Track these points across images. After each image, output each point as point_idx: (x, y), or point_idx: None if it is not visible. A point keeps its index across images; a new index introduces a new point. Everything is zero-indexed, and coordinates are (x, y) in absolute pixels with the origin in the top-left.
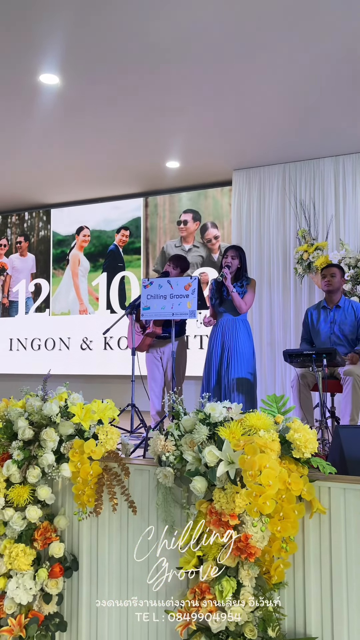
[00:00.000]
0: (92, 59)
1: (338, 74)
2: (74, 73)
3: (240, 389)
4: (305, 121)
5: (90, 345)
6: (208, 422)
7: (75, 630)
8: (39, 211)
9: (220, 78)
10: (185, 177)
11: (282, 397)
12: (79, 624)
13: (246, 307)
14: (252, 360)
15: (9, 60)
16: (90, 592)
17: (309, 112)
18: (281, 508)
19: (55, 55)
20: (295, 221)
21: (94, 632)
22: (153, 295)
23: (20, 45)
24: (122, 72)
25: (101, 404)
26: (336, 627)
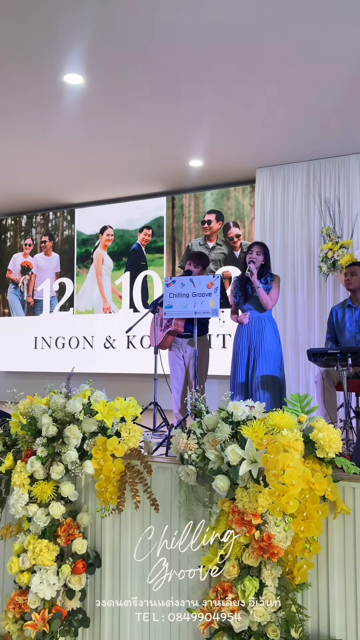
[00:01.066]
0: (116, 59)
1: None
2: (98, 73)
3: (267, 386)
4: (329, 118)
5: (114, 344)
6: (231, 420)
7: (98, 626)
8: (63, 211)
9: (244, 75)
10: (209, 175)
11: (305, 397)
12: (102, 620)
13: (272, 303)
14: (279, 356)
15: (33, 60)
16: (112, 588)
17: (334, 108)
18: (305, 508)
19: (80, 55)
20: (320, 219)
21: (116, 628)
22: (175, 293)
23: (45, 45)
24: (146, 71)
25: (124, 401)
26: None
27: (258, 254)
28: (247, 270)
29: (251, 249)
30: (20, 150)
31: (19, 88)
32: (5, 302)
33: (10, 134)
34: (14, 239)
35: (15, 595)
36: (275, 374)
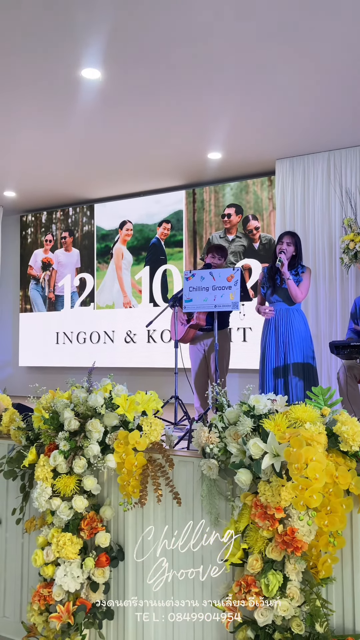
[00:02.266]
0: (133, 52)
1: None
2: (115, 67)
3: (300, 374)
4: (350, 107)
5: (134, 338)
6: (252, 414)
7: (122, 619)
8: (82, 206)
9: (262, 66)
10: (228, 168)
11: (328, 389)
12: (126, 613)
13: (302, 296)
14: (310, 344)
15: (51, 55)
16: (136, 582)
17: (354, 97)
18: (328, 502)
19: (97, 50)
20: (341, 210)
21: (140, 621)
22: (195, 287)
23: (62, 40)
24: (163, 65)
25: (145, 395)
26: None
27: (289, 244)
28: (277, 260)
29: (281, 239)
30: (38, 146)
31: (36, 84)
32: (27, 298)
33: (28, 130)
34: (34, 235)
35: (40, 588)
36: (308, 362)
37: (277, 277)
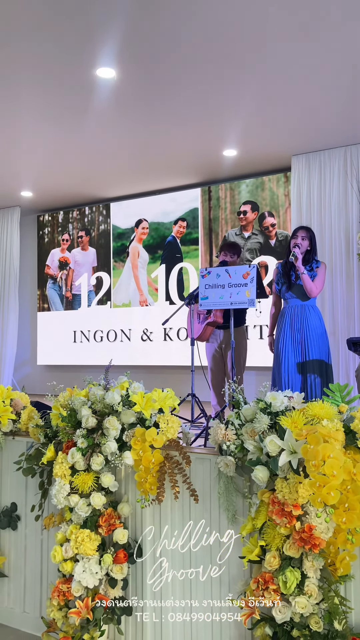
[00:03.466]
0: (148, 51)
1: None
2: (130, 66)
3: (317, 371)
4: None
5: (151, 337)
6: (269, 411)
7: (141, 615)
8: (98, 205)
9: (278, 61)
10: (243, 165)
11: (346, 386)
12: (144, 609)
13: (317, 291)
14: (326, 341)
15: (66, 54)
16: (154, 579)
17: None
18: (346, 499)
19: (112, 48)
20: (358, 206)
21: (158, 617)
22: (211, 284)
23: (77, 39)
24: (178, 63)
25: (161, 393)
26: None
27: (303, 238)
28: (291, 255)
29: (296, 233)
30: (54, 146)
31: (51, 83)
32: (44, 297)
33: (44, 130)
34: (51, 234)
35: (59, 584)
36: (323, 358)
37: (292, 273)
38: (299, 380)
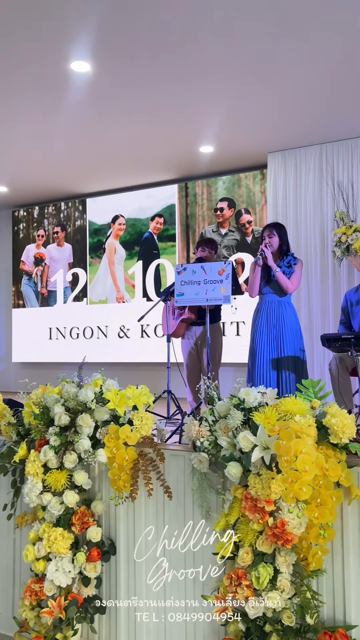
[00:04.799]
0: (123, 45)
1: None
2: (105, 59)
3: (291, 367)
4: (341, 99)
5: (128, 333)
6: (242, 407)
7: (115, 613)
8: (74, 201)
9: (254, 58)
10: (219, 161)
11: (318, 382)
12: (118, 607)
13: (293, 287)
14: (300, 337)
15: (39, 48)
16: (127, 576)
17: (345, 90)
18: (318, 494)
19: (86, 42)
20: (333, 203)
21: (132, 615)
22: (187, 281)
23: (51, 33)
24: (154, 58)
25: (136, 390)
26: None
27: (270, 236)
28: (259, 253)
29: (263, 233)
30: (29, 140)
31: (25, 77)
32: (19, 293)
33: (19, 124)
34: (26, 230)
35: (32, 583)
36: (298, 355)
37: (270, 270)
38: (274, 376)
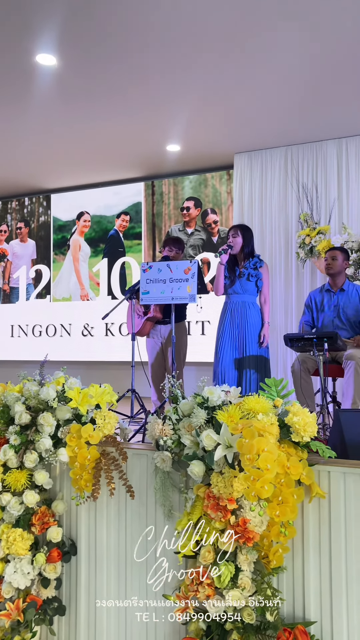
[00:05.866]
0: (91, 39)
1: (340, 56)
2: (71, 53)
3: (254, 366)
4: (307, 103)
5: (92, 332)
6: (206, 405)
7: (74, 614)
8: (39, 196)
9: (222, 59)
10: (186, 160)
11: (281, 381)
12: (78, 609)
13: (268, 295)
14: None
15: (3, 40)
16: (88, 576)
17: (311, 94)
18: (280, 492)
19: (52, 35)
20: (298, 205)
21: (92, 616)
22: (152, 279)
23: (15, 24)
24: (121, 53)
25: (99, 388)
26: (335, 611)
27: (234, 236)
28: (218, 252)
29: (228, 234)
30: None
31: None
32: None
33: None
34: None
35: None
36: (262, 354)
37: (237, 269)
38: (235, 375)
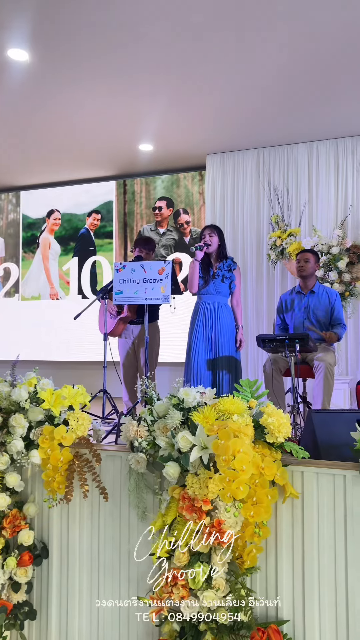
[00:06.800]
0: (63, 35)
1: (312, 62)
2: (43, 49)
3: (227, 367)
4: (279, 106)
5: (62, 331)
6: (182, 407)
7: (45, 618)
8: (8, 194)
9: (195, 60)
10: (159, 160)
11: (255, 382)
12: (49, 612)
13: (240, 297)
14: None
15: None
16: (60, 580)
17: (283, 97)
18: (254, 493)
19: (24, 30)
20: (269, 207)
21: (64, 620)
22: (126, 279)
23: None
24: (94, 50)
25: (72, 389)
26: (307, 610)
27: (211, 235)
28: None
29: (203, 232)
30: None
31: None
32: None
33: None
34: None
35: None
36: (234, 355)
37: (211, 270)
38: (208, 376)
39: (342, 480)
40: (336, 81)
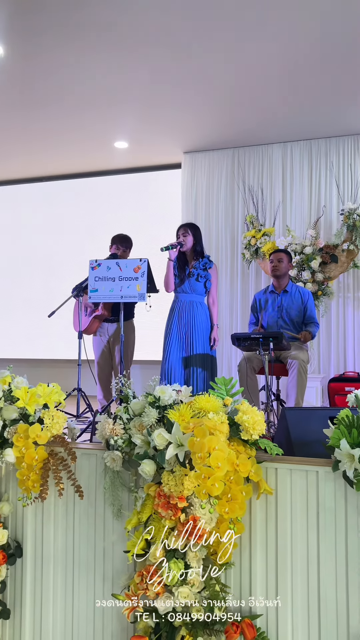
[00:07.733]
0: (36, 29)
1: (289, 63)
2: (18, 44)
3: (202, 365)
4: (254, 106)
5: (35, 329)
6: (157, 405)
7: (19, 617)
8: None
9: (171, 57)
10: (134, 158)
11: (230, 380)
12: (23, 612)
13: (216, 296)
14: None
15: None
16: (34, 579)
17: (259, 98)
18: (229, 489)
19: None
20: (244, 206)
21: (38, 619)
22: (101, 277)
23: None
24: (68, 45)
25: (47, 387)
26: (281, 604)
27: (185, 235)
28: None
29: (178, 232)
30: None
31: None
32: None
33: None
34: None
35: None
36: (210, 352)
37: (187, 268)
38: (183, 373)
39: (314, 476)
40: (309, 85)
